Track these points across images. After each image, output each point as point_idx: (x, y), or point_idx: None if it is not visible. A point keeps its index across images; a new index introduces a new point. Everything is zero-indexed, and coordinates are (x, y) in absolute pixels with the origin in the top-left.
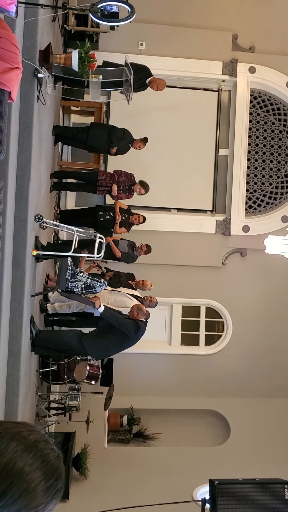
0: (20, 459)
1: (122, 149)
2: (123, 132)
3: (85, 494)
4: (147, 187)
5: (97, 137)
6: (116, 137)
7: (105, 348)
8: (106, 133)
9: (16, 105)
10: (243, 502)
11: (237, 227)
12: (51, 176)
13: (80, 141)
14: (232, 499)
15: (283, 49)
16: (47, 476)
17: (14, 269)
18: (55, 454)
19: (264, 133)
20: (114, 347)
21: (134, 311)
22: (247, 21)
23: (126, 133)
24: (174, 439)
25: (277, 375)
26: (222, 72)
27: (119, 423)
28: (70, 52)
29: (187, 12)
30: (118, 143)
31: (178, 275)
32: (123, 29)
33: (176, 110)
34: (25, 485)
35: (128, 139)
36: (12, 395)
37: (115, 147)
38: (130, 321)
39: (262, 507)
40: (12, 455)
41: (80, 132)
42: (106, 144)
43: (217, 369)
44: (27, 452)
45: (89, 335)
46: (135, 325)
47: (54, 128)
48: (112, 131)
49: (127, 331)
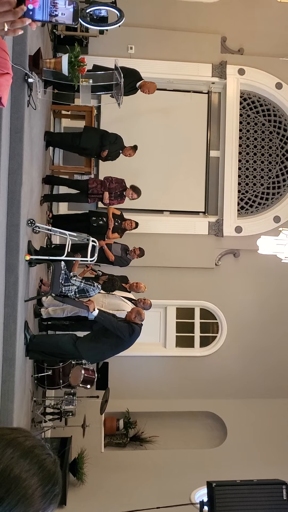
0: (17, 465)
1: (113, 155)
2: (115, 137)
3: (83, 499)
4: (139, 191)
5: (90, 140)
6: (108, 141)
7: (100, 352)
8: (99, 137)
9: (7, 110)
10: (241, 504)
11: (229, 228)
12: (43, 181)
13: (72, 145)
14: (230, 501)
15: (271, 50)
16: (44, 482)
17: (7, 274)
18: (51, 460)
19: (255, 134)
20: (109, 351)
21: (133, 314)
22: (236, 24)
23: (118, 138)
24: (171, 442)
25: (272, 376)
26: (212, 74)
27: (115, 427)
28: (60, 57)
29: (176, 15)
30: (110, 147)
31: (171, 277)
32: (113, 33)
33: (167, 113)
34: (22, 492)
35: (120, 145)
36: (7, 401)
37: (107, 150)
38: (124, 324)
39: (260, 508)
40: (8, 462)
41: (74, 137)
42: (98, 147)
43: (212, 370)
44: (23, 458)
45: (83, 339)
46: (130, 328)
47: (45, 133)
48: (105, 135)
49: (122, 334)
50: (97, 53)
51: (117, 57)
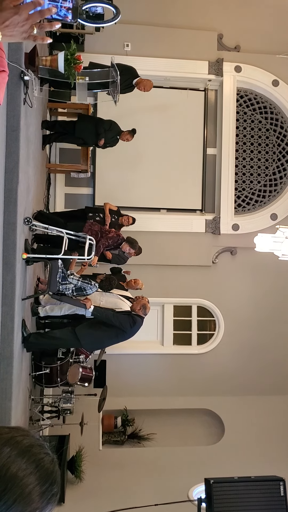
0: (14, 464)
1: (111, 141)
2: (109, 124)
3: (81, 497)
4: (136, 245)
5: (84, 129)
6: (102, 128)
7: (98, 340)
8: (93, 125)
9: (3, 108)
10: (239, 500)
11: (226, 226)
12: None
13: (68, 134)
14: (228, 498)
15: (268, 47)
16: (42, 481)
17: (4, 272)
18: (49, 459)
19: (251, 132)
20: (108, 339)
21: (138, 306)
22: (232, 21)
23: (113, 124)
24: (169, 439)
25: (269, 373)
26: (208, 71)
27: (113, 424)
28: (56, 54)
29: (172, 12)
30: (105, 135)
31: (169, 275)
32: (109, 30)
33: (163, 110)
34: (19, 490)
35: (115, 130)
36: (5, 399)
37: (103, 138)
38: (124, 316)
39: (258, 504)
40: (5, 461)
41: (68, 124)
42: (93, 135)
43: (210, 368)
44: (21, 457)
45: (83, 326)
46: (130, 319)
47: (42, 122)
48: (98, 123)
49: (122, 326)
50: (93, 51)
51: (114, 54)
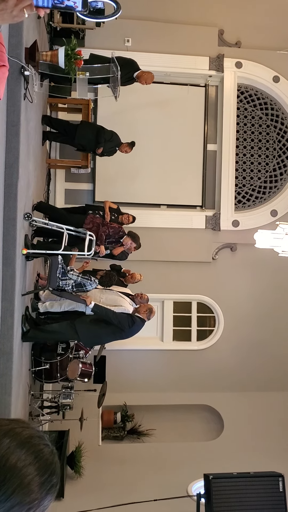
0: (13, 455)
1: (109, 151)
2: (111, 135)
3: (80, 492)
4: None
5: (85, 136)
6: (103, 138)
7: (97, 335)
8: (94, 134)
9: (3, 103)
10: (238, 496)
11: (226, 222)
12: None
13: (69, 137)
14: (227, 493)
15: (269, 43)
16: (41, 471)
17: (4, 268)
18: (49, 450)
19: (252, 128)
20: (106, 336)
21: (144, 308)
22: (233, 16)
23: (114, 135)
24: (168, 435)
25: (269, 369)
26: (209, 67)
27: (112, 420)
28: (56, 49)
29: (173, 8)
30: (105, 145)
31: (169, 271)
32: (109, 25)
33: (164, 106)
34: (18, 481)
35: (116, 142)
36: (5, 394)
37: (102, 147)
38: (123, 315)
39: (257, 500)
40: (4, 451)
41: (70, 126)
42: (93, 143)
43: (209, 364)
44: (20, 448)
45: (83, 320)
46: (129, 319)
47: (43, 117)
48: (100, 132)
49: (120, 324)
50: (94, 46)
51: (114, 49)
